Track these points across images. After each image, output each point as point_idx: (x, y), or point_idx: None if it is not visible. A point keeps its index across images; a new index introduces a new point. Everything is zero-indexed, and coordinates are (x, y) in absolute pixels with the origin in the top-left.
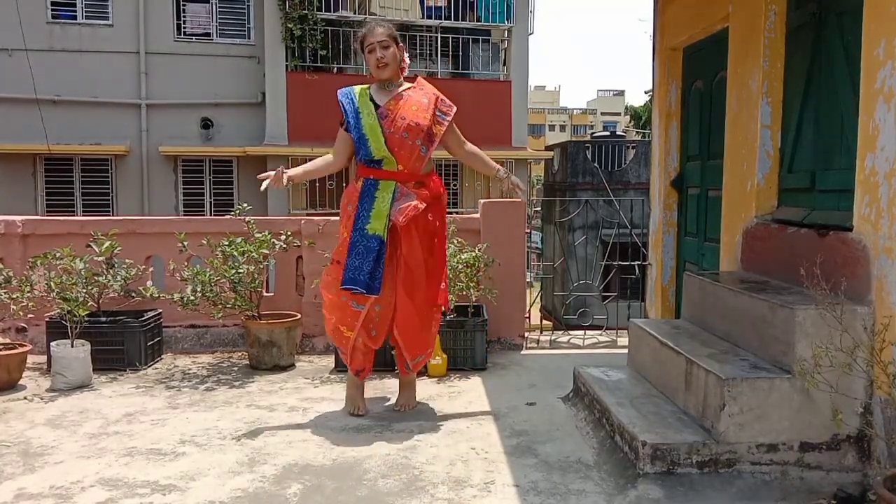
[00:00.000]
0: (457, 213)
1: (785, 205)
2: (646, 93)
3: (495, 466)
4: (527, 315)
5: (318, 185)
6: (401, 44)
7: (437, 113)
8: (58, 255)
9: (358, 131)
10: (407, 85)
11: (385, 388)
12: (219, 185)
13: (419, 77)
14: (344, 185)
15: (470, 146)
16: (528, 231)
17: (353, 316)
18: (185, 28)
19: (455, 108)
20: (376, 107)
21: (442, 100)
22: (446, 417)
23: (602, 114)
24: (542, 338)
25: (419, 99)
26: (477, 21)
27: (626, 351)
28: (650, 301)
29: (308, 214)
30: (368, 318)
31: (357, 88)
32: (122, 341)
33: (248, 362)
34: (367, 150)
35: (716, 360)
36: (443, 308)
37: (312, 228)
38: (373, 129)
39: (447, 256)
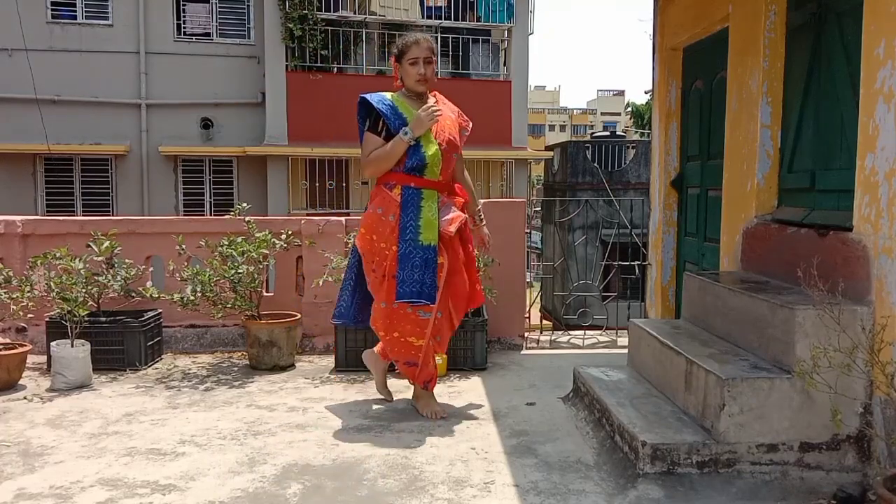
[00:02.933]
0: None
1: (785, 205)
2: (646, 93)
3: (495, 466)
4: (527, 315)
5: (317, 185)
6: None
7: (460, 129)
8: (57, 255)
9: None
10: (432, 99)
11: None
12: (219, 185)
13: (435, 91)
14: (343, 185)
15: (468, 176)
16: (528, 231)
17: (422, 325)
18: (185, 28)
19: (471, 125)
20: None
21: (461, 114)
22: (446, 417)
23: (602, 114)
24: (542, 338)
25: (448, 113)
26: (477, 21)
27: (626, 351)
28: (650, 301)
29: (308, 214)
30: (434, 324)
31: (389, 95)
32: (122, 341)
33: (248, 362)
34: (419, 156)
35: (716, 360)
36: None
37: (312, 228)
38: (426, 136)
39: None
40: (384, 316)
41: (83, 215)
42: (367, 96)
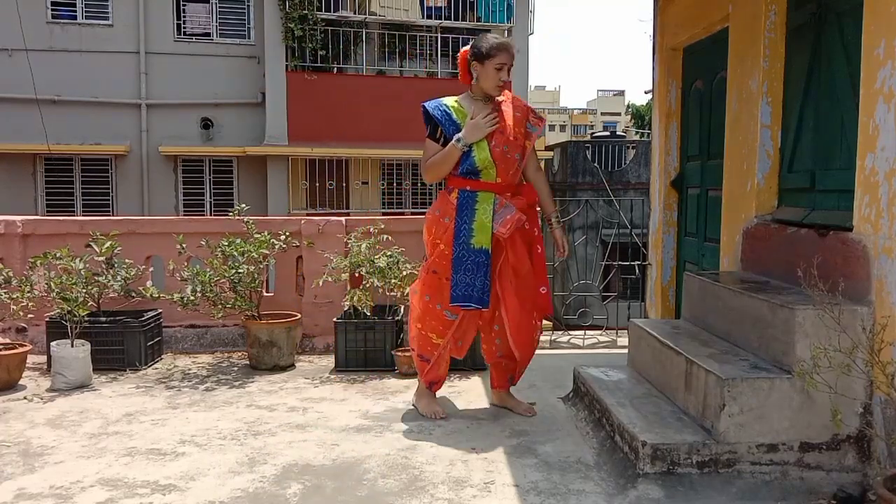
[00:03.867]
0: None
1: (785, 205)
2: (646, 93)
3: (495, 466)
4: None
5: (318, 185)
6: None
7: (528, 126)
8: (57, 255)
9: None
10: (499, 98)
11: (385, 388)
12: (219, 185)
13: (507, 90)
14: (343, 185)
15: (542, 174)
16: None
17: (446, 325)
18: (185, 28)
19: (544, 123)
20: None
21: (533, 112)
22: (446, 417)
23: (602, 114)
24: (542, 338)
25: (513, 113)
26: (477, 21)
27: (626, 351)
28: (650, 301)
29: (308, 214)
30: (458, 327)
31: (448, 101)
32: (122, 341)
33: (248, 362)
34: (470, 161)
35: (716, 360)
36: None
37: (312, 228)
38: (479, 141)
39: None
40: (423, 309)
41: (83, 215)
42: (426, 104)
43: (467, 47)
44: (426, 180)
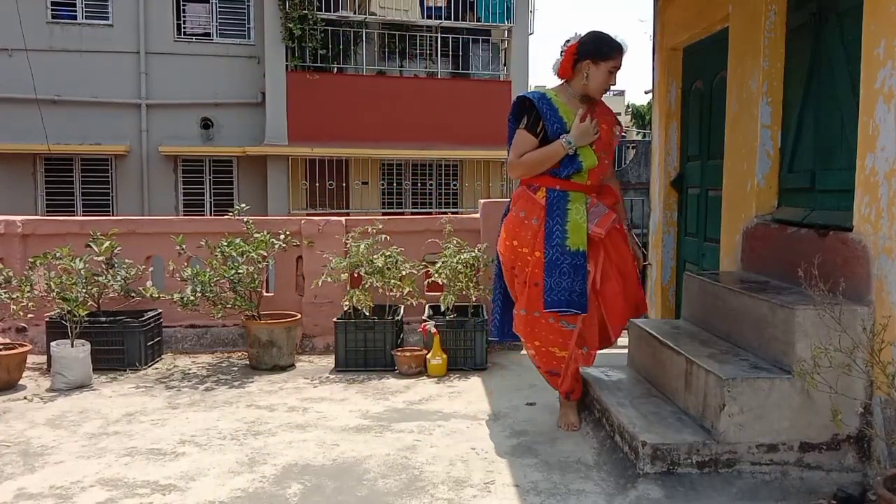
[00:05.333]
0: (457, 213)
1: (785, 205)
2: (646, 93)
3: (495, 466)
4: None
5: (318, 185)
6: None
7: (615, 130)
8: (58, 255)
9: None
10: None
11: (385, 388)
12: (219, 185)
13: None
14: (343, 185)
15: (615, 180)
16: None
17: (566, 335)
18: (185, 28)
19: (623, 133)
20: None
21: (617, 120)
22: (446, 417)
23: None
24: None
25: (603, 117)
26: (477, 21)
27: (626, 351)
28: (650, 301)
29: (308, 214)
30: (580, 335)
31: (550, 94)
32: (122, 341)
33: (248, 362)
34: (577, 165)
35: (716, 360)
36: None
37: (312, 228)
38: (583, 148)
39: (448, 259)
40: (524, 323)
41: (83, 215)
42: (529, 94)
43: (575, 40)
44: (513, 175)
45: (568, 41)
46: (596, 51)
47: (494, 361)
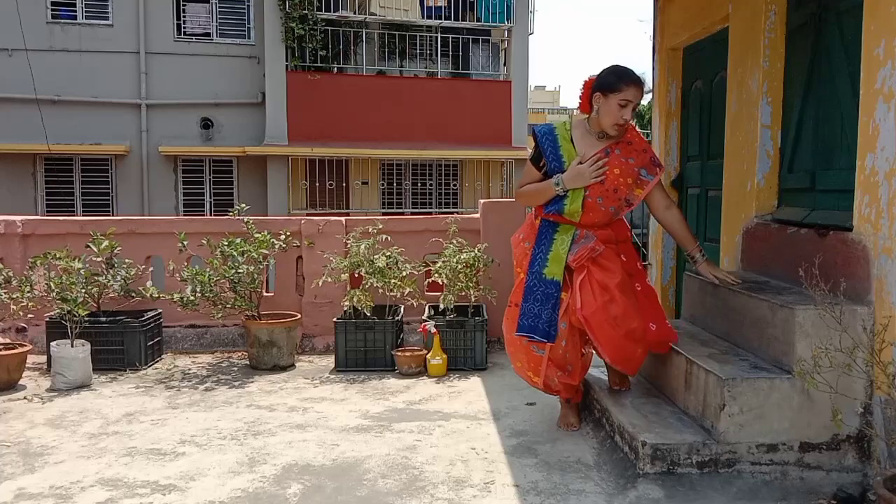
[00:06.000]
0: (457, 213)
1: (785, 205)
2: (646, 93)
3: (495, 466)
4: None
5: (318, 185)
6: None
7: (642, 174)
8: (57, 255)
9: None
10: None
11: (385, 388)
12: (219, 185)
13: (631, 124)
14: (343, 185)
15: (674, 210)
16: None
17: (535, 360)
18: (185, 28)
19: (663, 170)
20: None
21: (653, 158)
22: (446, 417)
23: None
24: None
25: (625, 160)
26: (477, 21)
27: None
28: None
29: (308, 214)
30: (559, 358)
31: (559, 128)
32: (122, 341)
33: (248, 362)
34: (559, 206)
35: (716, 360)
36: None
37: (312, 228)
38: (574, 190)
39: (448, 259)
40: (508, 342)
41: (83, 215)
42: (537, 127)
43: (595, 74)
44: (520, 203)
45: (591, 76)
46: (605, 83)
47: (494, 361)
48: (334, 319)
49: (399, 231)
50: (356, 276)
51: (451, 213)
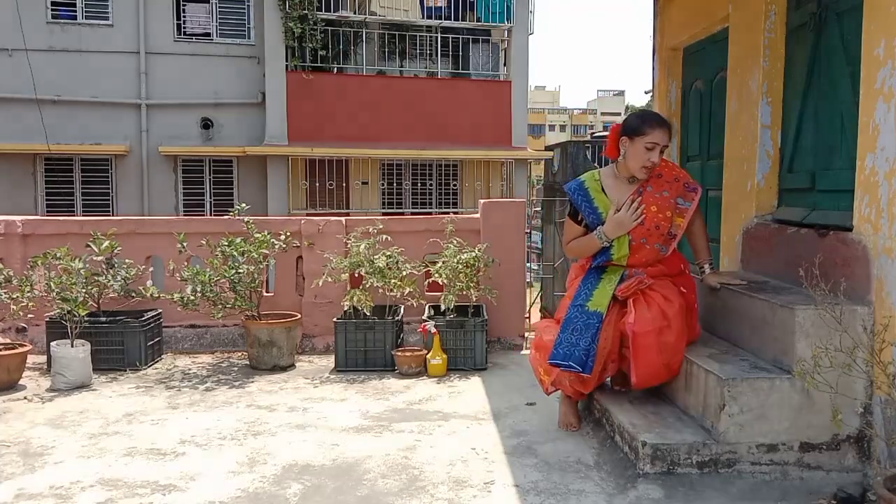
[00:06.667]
0: (457, 213)
1: (785, 205)
2: (646, 93)
3: (495, 466)
4: (527, 315)
5: (318, 185)
6: None
7: (679, 203)
8: (57, 255)
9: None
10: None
11: (385, 388)
12: (219, 185)
13: (663, 159)
14: (343, 185)
15: (700, 222)
16: (528, 231)
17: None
18: (185, 28)
19: (700, 190)
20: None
21: (687, 183)
22: (446, 417)
23: (602, 114)
24: None
25: (659, 194)
26: (477, 21)
27: None
28: None
29: (308, 214)
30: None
31: (588, 181)
32: (122, 341)
33: (248, 362)
34: (607, 255)
35: (716, 360)
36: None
37: (312, 228)
38: (618, 238)
39: (448, 259)
40: (537, 341)
41: (83, 215)
42: (567, 186)
43: (621, 120)
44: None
45: (618, 123)
46: (631, 127)
47: (494, 361)
48: (334, 319)
49: (399, 231)
50: (356, 276)
51: (452, 213)
